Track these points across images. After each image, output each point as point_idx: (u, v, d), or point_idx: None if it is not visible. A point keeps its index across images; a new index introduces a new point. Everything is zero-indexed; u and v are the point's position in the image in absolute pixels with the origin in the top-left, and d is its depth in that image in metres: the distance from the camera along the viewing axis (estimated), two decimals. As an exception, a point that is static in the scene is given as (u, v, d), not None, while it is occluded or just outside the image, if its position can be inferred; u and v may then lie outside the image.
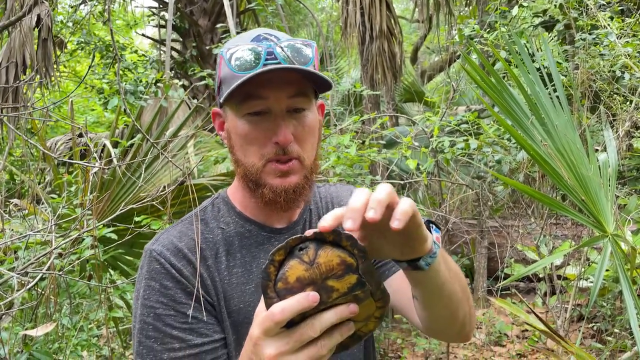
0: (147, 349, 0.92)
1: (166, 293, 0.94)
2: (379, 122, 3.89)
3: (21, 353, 2.28)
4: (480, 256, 4.96)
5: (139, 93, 4.02)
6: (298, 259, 0.64)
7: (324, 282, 0.63)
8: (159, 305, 0.93)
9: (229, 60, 0.93)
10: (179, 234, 1.00)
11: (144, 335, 0.93)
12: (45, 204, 2.93)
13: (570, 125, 1.81)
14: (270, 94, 0.93)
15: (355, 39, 6.93)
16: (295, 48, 0.94)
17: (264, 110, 0.94)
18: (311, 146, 1.00)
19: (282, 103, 0.94)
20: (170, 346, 0.92)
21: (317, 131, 1.02)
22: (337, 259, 0.63)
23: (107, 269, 2.87)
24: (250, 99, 0.93)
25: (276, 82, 0.93)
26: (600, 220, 1.69)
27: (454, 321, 0.96)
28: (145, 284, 0.96)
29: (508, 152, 3.39)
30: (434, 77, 10.71)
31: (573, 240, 3.71)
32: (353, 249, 0.63)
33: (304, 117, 0.97)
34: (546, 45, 2.07)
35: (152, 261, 0.97)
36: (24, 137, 1.86)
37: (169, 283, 0.95)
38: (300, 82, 0.95)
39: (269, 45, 0.93)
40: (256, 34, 0.97)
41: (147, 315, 0.93)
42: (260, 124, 0.95)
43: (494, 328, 4.36)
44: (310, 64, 0.94)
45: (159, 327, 0.92)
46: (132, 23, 10.70)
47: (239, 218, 1.05)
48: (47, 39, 4.40)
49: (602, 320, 3.72)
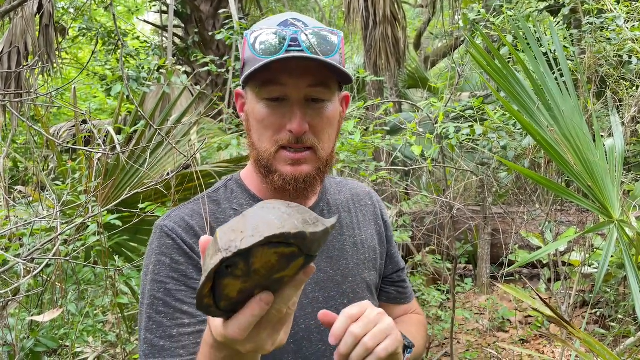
0: (157, 324, 0.91)
1: (177, 268, 0.93)
2: (383, 108, 3.86)
3: (28, 339, 2.30)
4: (484, 242, 4.96)
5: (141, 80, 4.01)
6: (229, 277, 0.58)
7: (271, 278, 0.59)
8: (169, 281, 0.93)
9: (252, 44, 0.93)
10: (190, 212, 1.00)
11: (154, 311, 0.92)
12: (50, 190, 2.93)
13: (577, 111, 1.79)
14: (290, 80, 0.92)
15: (359, 24, 6.88)
16: (321, 36, 0.93)
17: (282, 97, 0.93)
18: (328, 137, 0.98)
19: (300, 91, 0.93)
20: (180, 322, 0.91)
21: (337, 123, 1.01)
22: (275, 256, 0.57)
23: (112, 256, 2.88)
24: (270, 84, 0.93)
25: (297, 70, 0.92)
26: (606, 206, 1.68)
27: None
28: (156, 259, 0.95)
29: (513, 138, 3.37)
30: (437, 63, 10.64)
31: (578, 227, 3.71)
32: (288, 240, 0.57)
33: (323, 108, 0.96)
34: (553, 29, 2.04)
35: (163, 236, 0.96)
36: (27, 124, 1.85)
37: (180, 258, 0.94)
38: (321, 72, 0.93)
39: (294, 32, 0.92)
40: (284, 19, 0.96)
41: (158, 291, 0.92)
42: (277, 110, 0.94)
43: (497, 314, 4.37)
44: (335, 54, 0.94)
45: (169, 302, 0.92)
46: (133, 9, 10.65)
47: (253, 200, 1.04)
48: (49, 25, 4.38)
49: (605, 306, 3.73)
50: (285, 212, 0.60)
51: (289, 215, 0.59)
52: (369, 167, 3.42)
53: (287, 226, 0.57)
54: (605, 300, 3.74)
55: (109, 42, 7.82)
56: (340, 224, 1.11)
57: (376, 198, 1.23)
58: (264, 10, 8.45)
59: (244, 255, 0.56)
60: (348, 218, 1.13)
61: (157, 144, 2.98)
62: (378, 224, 1.19)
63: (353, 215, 1.14)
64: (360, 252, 1.11)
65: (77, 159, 3.09)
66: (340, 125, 1.06)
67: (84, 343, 2.67)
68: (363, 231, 1.14)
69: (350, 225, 1.13)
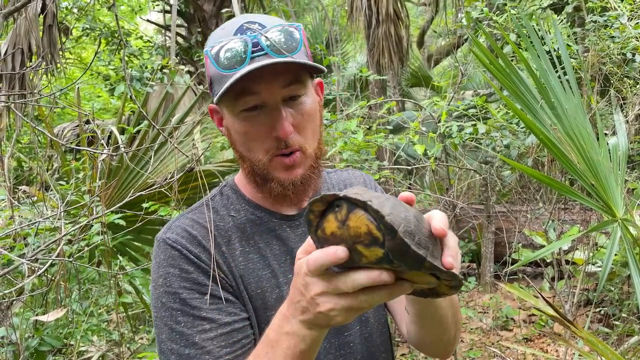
0: (179, 334, 0.91)
1: (187, 277, 0.93)
2: (386, 107, 3.86)
3: (32, 338, 2.31)
4: (488, 241, 4.95)
5: (144, 79, 4.01)
6: (333, 214, 0.66)
7: (354, 245, 0.65)
8: (182, 290, 0.92)
9: (215, 60, 0.91)
10: (191, 222, 1.00)
11: (174, 322, 0.91)
12: (54, 190, 2.95)
13: (580, 109, 1.79)
14: (263, 87, 0.90)
15: (362, 23, 6.87)
16: (282, 34, 0.91)
17: (259, 105, 0.92)
18: (312, 133, 0.98)
19: (276, 95, 0.91)
20: (201, 328, 0.91)
21: (317, 114, 1.00)
22: (364, 228, 0.63)
23: (115, 255, 2.89)
24: (244, 95, 0.91)
25: (267, 75, 0.90)
26: (610, 205, 1.68)
27: (438, 342, 1.02)
28: (165, 271, 0.94)
29: (516, 137, 3.37)
30: (440, 61, 10.61)
31: (581, 225, 3.70)
32: (379, 224, 0.63)
33: (301, 104, 0.95)
34: (556, 27, 2.04)
35: (168, 249, 0.96)
36: (31, 124, 1.86)
37: (189, 267, 0.94)
38: (291, 71, 0.92)
39: (253, 37, 0.90)
40: (239, 25, 0.93)
41: (174, 302, 0.92)
42: (257, 119, 0.93)
43: (500, 313, 4.37)
44: (299, 50, 0.92)
45: (187, 310, 0.91)
46: (136, 9, 10.66)
47: (249, 205, 1.04)
48: (52, 26, 4.39)
49: (609, 305, 3.72)
50: (409, 215, 0.66)
51: (406, 216, 0.65)
52: (372, 166, 3.42)
53: (390, 215, 0.62)
54: (609, 299, 3.73)
55: (112, 41, 7.84)
56: None
57: (370, 183, 1.21)
58: (266, 9, 8.45)
59: (348, 207, 0.65)
60: None
61: (160, 144, 2.98)
62: None
63: None
64: None
65: (80, 159, 3.10)
66: (322, 113, 1.04)
67: (88, 342, 2.68)
68: None
69: None
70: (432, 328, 0.97)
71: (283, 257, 1.01)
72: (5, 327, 2.19)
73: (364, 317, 1.05)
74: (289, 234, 1.03)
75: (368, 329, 1.05)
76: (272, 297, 0.98)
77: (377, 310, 1.09)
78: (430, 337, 1.01)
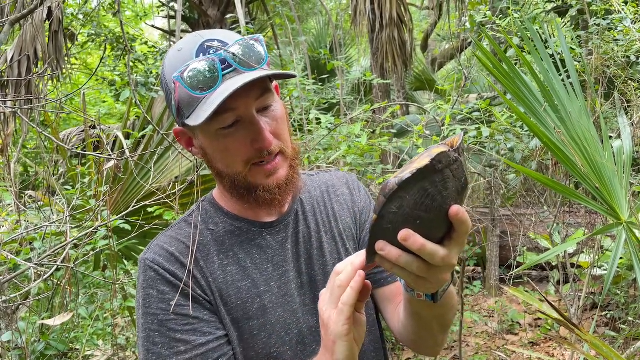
0: (156, 355, 0.94)
1: (164, 298, 0.95)
2: (390, 111, 3.86)
3: (38, 342, 2.32)
4: (492, 245, 4.94)
5: (149, 85, 4.03)
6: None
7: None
8: (159, 312, 0.95)
9: (186, 83, 0.90)
10: (169, 240, 1.01)
11: (151, 343, 0.94)
12: (60, 195, 2.96)
13: (584, 112, 1.79)
14: (240, 103, 0.90)
15: (365, 27, 6.89)
16: (245, 48, 0.92)
17: (235, 120, 0.92)
18: (286, 135, 0.99)
19: (250, 107, 0.92)
20: (177, 349, 0.93)
21: (286, 116, 1.01)
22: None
23: (121, 260, 2.90)
24: (220, 114, 0.90)
25: (242, 91, 0.89)
26: (615, 208, 1.67)
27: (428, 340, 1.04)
28: (144, 292, 0.97)
29: (521, 140, 3.36)
30: (444, 65, 10.62)
31: (586, 228, 3.69)
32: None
33: (273, 111, 0.96)
34: (560, 31, 2.04)
35: (146, 270, 0.98)
36: (37, 130, 1.87)
37: (165, 288, 0.96)
38: (263, 82, 0.93)
39: (219, 55, 0.90)
40: (198, 45, 0.92)
41: (152, 323, 0.95)
42: (236, 135, 0.93)
43: (506, 316, 4.35)
44: (265, 62, 0.94)
45: (164, 332, 0.94)
46: (141, 14, 10.72)
47: (228, 217, 1.05)
48: (58, 32, 4.42)
49: (615, 309, 3.70)
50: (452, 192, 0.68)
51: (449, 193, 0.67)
52: (376, 169, 3.43)
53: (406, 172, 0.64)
54: (615, 303, 3.72)
55: (117, 47, 7.89)
56: (316, 221, 1.11)
57: (353, 184, 1.21)
58: (270, 14, 8.48)
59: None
60: (324, 213, 1.13)
61: (165, 149, 3.00)
62: (354, 204, 1.17)
63: (329, 209, 1.14)
64: (339, 245, 1.11)
65: (86, 164, 3.12)
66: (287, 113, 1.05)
67: (94, 346, 2.69)
68: (340, 222, 1.14)
69: (327, 220, 1.12)
70: (423, 327, 0.99)
71: (264, 265, 1.03)
72: (12, 331, 2.20)
73: None
74: (269, 241, 1.04)
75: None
76: (253, 307, 0.99)
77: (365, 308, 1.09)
78: (422, 335, 1.03)
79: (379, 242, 0.69)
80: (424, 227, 0.66)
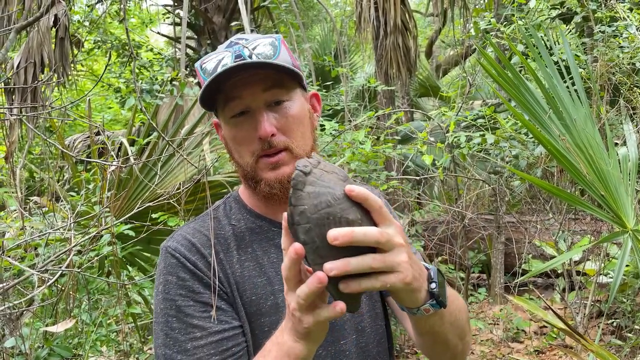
0: (173, 340, 0.95)
1: (184, 285, 0.98)
2: (394, 117, 3.86)
3: (42, 348, 2.32)
4: (497, 252, 4.92)
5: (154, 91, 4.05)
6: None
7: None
8: (178, 297, 0.97)
9: (203, 72, 0.99)
10: (192, 231, 1.05)
11: (169, 328, 0.96)
12: (64, 201, 2.97)
13: (589, 119, 1.78)
14: (245, 91, 0.97)
15: (370, 34, 6.90)
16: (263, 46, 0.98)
17: (245, 110, 0.98)
18: (301, 135, 1.01)
19: (258, 98, 0.97)
20: (193, 335, 0.95)
21: (307, 120, 1.04)
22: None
23: (125, 266, 2.91)
24: (230, 102, 0.98)
25: (249, 80, 0.97)
26: (620, 216, 1.66)
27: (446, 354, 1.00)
28: (164, 278, 0.99)
29: (525, 147, 3.35)
30: (449, 72, 10.62)
31: (592, 236, 3.66)
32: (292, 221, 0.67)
33: (285, 108, 1.00)
34: (564, 37, 2.04)
35: (167, 257, 1.01)
36: (42, 136, 1.88)
37: (185, 275, 0.98)
38: (271, 76, 0.98)
39: (237, 49, 0.98)
40: (229, 42, 1.02)
41: (170, 308, 0.97)
42: (243, 124, 0.99)
43: (511, 324, 4.33)
44: (277, 55, 0.98)
45: (181, 317, 0.96)
46: (147, 21, 10.79)
47: (250, 215, 1.08)
48: (64, 38, 4.45)
49: (622, 317, 3.67)
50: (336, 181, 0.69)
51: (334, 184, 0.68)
52: (380, 176, 3.42)
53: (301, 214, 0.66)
54: (621, 311, 3.69)
55: (123, 54, 7.94)
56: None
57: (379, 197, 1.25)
58: (275, 21, 8.51)
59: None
60: None
61: (169, 155, 3.00)
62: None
63: None
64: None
65: (91, 170, 3.12)
66: (314, 122, 1.09)
67: (97, 352, 2.69)
68: None
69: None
70: (431, 343, 0.97)
71: (280, 265, 1.03)
72: (16, 337, 2.20)
73: (360, 326, 1.07)
74: None
75: (364, 338, 1.07)
76: (266, 304, 1.01)
77: (375, 320, 1.10)
78: (432, 351, 1.01)
79: (324, 267, 0.65)
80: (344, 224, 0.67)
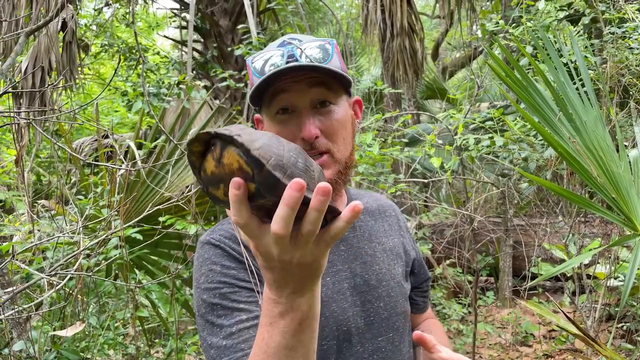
0: (219, 327, 0.95)
1: (228, 273, 0.98)
2: (401, 120, 3.85)
3: (50, 352, 2.32)
4: (506, 255, 4.89)
5: (161, 95, 4.07)
6: (210, 153, 0.65)
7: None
8: (222, 285, 0.97)
9: (254, 69, 1.00)
10: (231, 227, 1.05)
11: (215, 315, 0.96)
12: (73, 204, 2.98)
13: (599, 121, 1.76)
14: (292, 87, 0.97)
15: (376, 36, 6.90)
16: (315, 47, 0.98)
17: (290, 107, 0.98)
18: (343, 140, 1.02)
19: (304, 96, 0.98)
20: (238, 318, 0.95)
21: (349, 125, 1.05)
22: (236, 164, 0.62)
23: (133, 269, 2.91)
24: (276, 96, 0.98)
25: (297, 78, 0.97)
26: (632, 218, 1.64)
27: None
28: (207, 268, 1.00)
29: (534, 150, 3.33)
30: (456, 74, 10.60)
31: (602, 239, 3.63)
32: (247, 158, 0.61)
33: (331, 111, 1.00)
34: (573, 39, 2.02)
35: (211, 248, 1.01)
36: (51, 140, 1.89)
37: (231, 264, 0.99)
38: (321, 78, 0.99)
39: (290, 49, 0.98)
40: (282, 40, 1.02)
41: (214, 297, 0.97)
42: (288, 123, 0.99)
43: (520, 328, 4.29)
44: (329, 60, 0.98)
45: (226, 304, 0.96)
46: (153, 24, 10.84)
47: None
48: (72, 42, 4.48)
49: (632, 320, 3.63)
50: (284, 150, 0.64)
51: (280, 151, 0.63)
52: (388, 179, 3.41)
53: (260, 149, 0.60)
54: (631, 314, 3.65)
55: (130, 57, 7.97)
56: (370, 230, 1.16)
57: (398, 211, 1.29)
58: (281, 24, 8.53)
59: (221, 145, 0.63)
60: (375, 226, 1.19)
61: (177, 158, 3.01)
62: (402, 234, 1.24)
63: (379, 224, 1.20)
64: (390, 258, 1.15)
65: (99, 173, 3.13)
66: (355, 128, 1.10)
67: (105, 356, 2.69)
68: (390, 239, 1.19)
69: (378, 232, 1.18)
70: None
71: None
72: (24, 340, 2.20)
73: (396, 325, 1.10)
74: None
75: (398, 337, 1.11)
76: None
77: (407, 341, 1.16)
78: None
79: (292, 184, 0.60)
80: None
